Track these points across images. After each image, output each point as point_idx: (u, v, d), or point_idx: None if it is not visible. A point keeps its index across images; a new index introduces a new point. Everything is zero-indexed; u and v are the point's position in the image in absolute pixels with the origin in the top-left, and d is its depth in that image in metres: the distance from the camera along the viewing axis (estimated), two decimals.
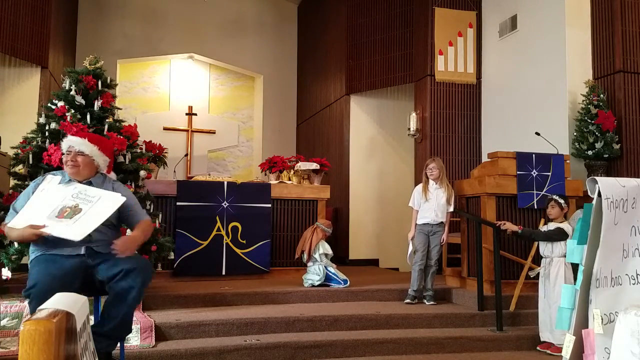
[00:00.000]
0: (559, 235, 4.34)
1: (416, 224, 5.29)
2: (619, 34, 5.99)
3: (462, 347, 4.34)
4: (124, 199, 3.05)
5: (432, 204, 5.22)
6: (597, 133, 5.83)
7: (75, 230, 2.87)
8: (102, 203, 2.99)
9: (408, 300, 5.15)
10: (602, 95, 5.97)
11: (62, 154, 3.23)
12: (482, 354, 4.30)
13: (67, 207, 2.95)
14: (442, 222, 5.25)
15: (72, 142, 3.16)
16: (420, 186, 5.36)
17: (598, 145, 5.79)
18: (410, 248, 5.39)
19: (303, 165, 6.50)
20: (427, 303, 5.16)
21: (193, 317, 4.20)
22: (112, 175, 3.70)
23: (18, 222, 2.94)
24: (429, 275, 5.23)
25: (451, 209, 5.28)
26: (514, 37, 7.09)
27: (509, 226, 4.70)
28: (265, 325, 4.27)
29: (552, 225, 4.46)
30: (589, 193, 2.09)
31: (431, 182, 5.28)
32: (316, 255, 5.53)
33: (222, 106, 10.79)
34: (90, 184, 3.17)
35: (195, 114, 10.35)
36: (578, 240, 2.11)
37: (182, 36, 10.16)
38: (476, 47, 7.69)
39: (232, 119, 10.83)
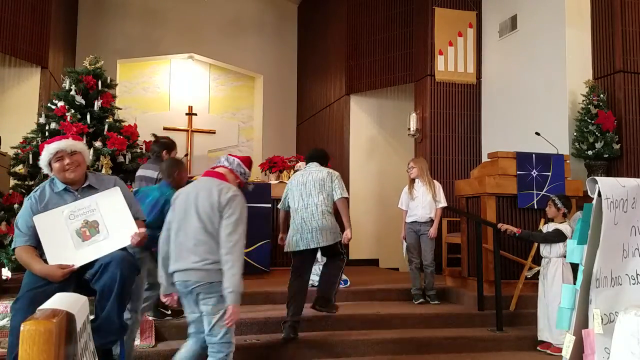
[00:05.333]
0: (558, 237, 4.33)
1: (406, 222, 5.44)
2: (619, 34, 5.99)
3: (462, 347, 4.34)
4: (117, 188, 3.03)
5: (419, 202, 5.37)
6: (597, 133, 5.83)
7: (117, 237, 2.87)
8: (106, 202, 2.94)
9: (420, 300, 5.20)
10: (602, 95, 5.97)
11: (38, 160, 3.09)
12: (482, 354, 4.30)
13: (81, 229, 2.88)
14: (431, 219, 5.35)
15: (60, 147, 2.99)
16: (406, 187, 5.54)
17: (598, 145, 5.79)
18: (405, 245, 5.57)
19: (303, 165, 6.49)
20: (431, 303, 5.18)
21: None
22: None
23: (50, 259, 2.84)
24: (428, 275, 5.26)
25: (443, 204, 5.37)
26: (514, 37, 7.09)
27: (507, 227, 4.70)
28: (265, 325, 4.27)
29: (551, 226, 4.45)
30: (589, 193, 2.09)
31: (417, 181, 5.43)
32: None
33: (222, 106, 10.79)
34: (90, 187, 3.04)
35: (195, 114, 10.35)
36: (578, 240, 2.11)
37: (182, 36, 10.16)
38: (476, 47, 7.68)
39: (232, 119, 10.83)
